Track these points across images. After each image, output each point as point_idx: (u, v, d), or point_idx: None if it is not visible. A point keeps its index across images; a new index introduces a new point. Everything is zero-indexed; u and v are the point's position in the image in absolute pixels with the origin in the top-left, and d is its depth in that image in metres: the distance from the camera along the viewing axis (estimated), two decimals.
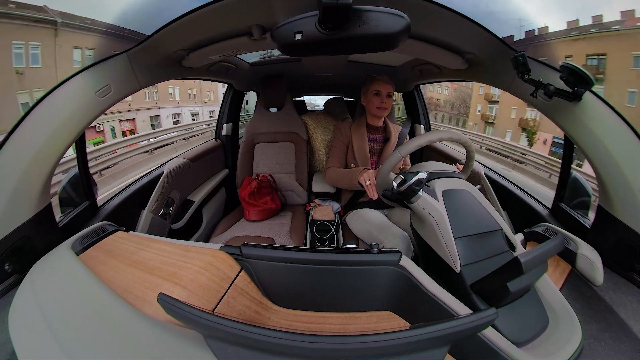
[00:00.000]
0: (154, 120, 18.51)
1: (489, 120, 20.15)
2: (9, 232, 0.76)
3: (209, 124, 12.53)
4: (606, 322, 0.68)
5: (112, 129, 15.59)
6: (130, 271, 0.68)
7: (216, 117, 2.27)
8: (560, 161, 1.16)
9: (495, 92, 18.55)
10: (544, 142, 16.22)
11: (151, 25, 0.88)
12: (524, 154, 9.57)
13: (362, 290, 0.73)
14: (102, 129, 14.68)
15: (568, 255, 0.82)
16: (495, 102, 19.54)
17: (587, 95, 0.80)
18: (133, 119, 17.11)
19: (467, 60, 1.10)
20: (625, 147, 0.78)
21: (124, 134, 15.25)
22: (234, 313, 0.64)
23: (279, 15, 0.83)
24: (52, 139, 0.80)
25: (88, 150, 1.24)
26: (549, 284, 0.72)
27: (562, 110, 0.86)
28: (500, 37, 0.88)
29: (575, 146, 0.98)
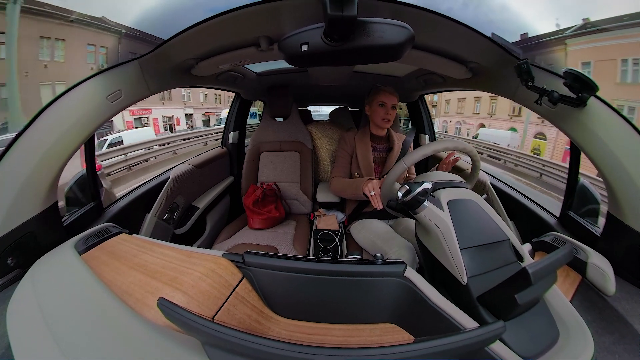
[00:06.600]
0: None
1: None
2: (15, 227, 0.78)
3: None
4: (619, 333, 0.65)
5: None
6: (131, 274, 0.68)
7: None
8: None
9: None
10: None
11: (165, 32, 0.92)
12: None
13: (365, 302, 0.71)
14: None
15: (578, 265, 0.80)
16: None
17: (592, 100, 0.79)
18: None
19: (470, 69, 1.10)
20: (633, 152, 0.76)
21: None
22: (233, 321, 0.63)
23: (286, 27, 0.85)
24: (62, 139, 0.82)
25: None
26: (559, 295, 0.70)
27: (567, 117, 0.86)
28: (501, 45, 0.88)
29: (582, 152, 0.96)
